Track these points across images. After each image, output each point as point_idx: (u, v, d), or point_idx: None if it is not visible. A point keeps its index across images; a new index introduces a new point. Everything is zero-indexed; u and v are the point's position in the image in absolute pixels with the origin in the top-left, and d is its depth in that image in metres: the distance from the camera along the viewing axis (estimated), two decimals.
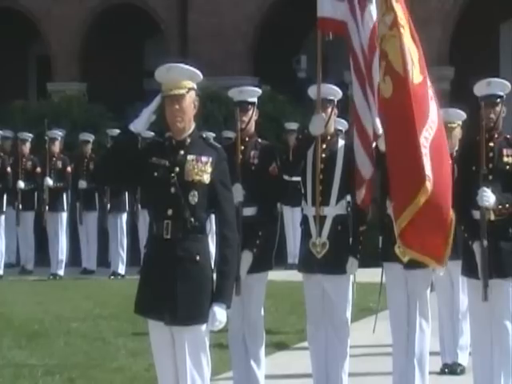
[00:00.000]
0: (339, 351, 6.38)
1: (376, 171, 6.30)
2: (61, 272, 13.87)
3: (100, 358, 8.01)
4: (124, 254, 13.94)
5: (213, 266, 4.79)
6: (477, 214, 5.94)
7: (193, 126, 4.79)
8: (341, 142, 6.50)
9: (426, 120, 5.37)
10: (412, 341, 6.38)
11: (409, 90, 5.34)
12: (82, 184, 13.83)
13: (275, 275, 7.26)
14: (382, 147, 6.18)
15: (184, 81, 4.69)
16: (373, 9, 6.09)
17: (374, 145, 6.28)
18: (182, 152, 4.73)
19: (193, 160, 4.71)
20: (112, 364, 7.80)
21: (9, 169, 14.42)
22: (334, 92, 6.47)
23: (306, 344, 6.94)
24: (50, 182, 13.67)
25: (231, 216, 4.76)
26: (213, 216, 4.83)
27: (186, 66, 4.75)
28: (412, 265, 6.30)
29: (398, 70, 5.40)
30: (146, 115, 4.78)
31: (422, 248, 5.50)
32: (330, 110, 6.39)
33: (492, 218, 5.92)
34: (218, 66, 16.44)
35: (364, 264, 6.66)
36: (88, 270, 14.25)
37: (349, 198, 6.49)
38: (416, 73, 5.40)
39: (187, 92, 4.69)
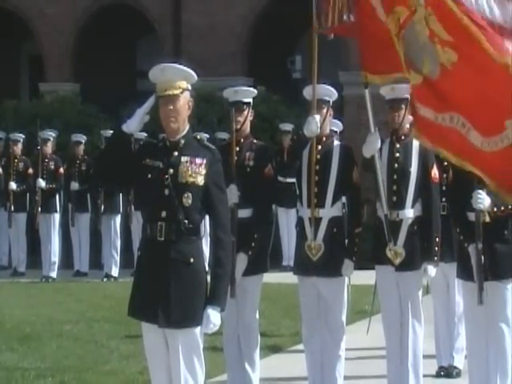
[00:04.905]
0: (334, 354, 6.36)
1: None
2: (53, 274, 13.79)
3: (93, 361, 7.96)
4: (117, 256, 13.86)
5: (207, 268, 4.75)
6: (472, 216, 5.89)
7: (187, 127, 4.74)
8: (336, 143, 6.46)
9: None
10: (405, 343, 6.38)
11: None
12: (74, 185, 13.75)
13: (270, 277, 7.23)
14: (366, 154, 6.19)
15: (178, 81, 4.64)
16: None
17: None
18: (175, 153, 4.69)
19: (187, 161, 4.67)
20: (105, 367, 7.75)
21: (0, 170, 14.35)
22: (330, 93, 6.44)
23: (300, 347, 6.91)
24: (42, 183, 13.59)
25: (225, 218, 4.72)
26: (207, 218, 4.78)
27: (181, 67, 4.71)
28: (403, 267, 6.29)
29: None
30: (140, 115, 4.74)
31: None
32: (325, 110, 6.37)
33: (487, 220, 5.88)
34: (212, 67, 16.38)
35: (359, 266, 6.62)
36: (81, 272, 14.17)
37: (344, 199, 6.46)
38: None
39: (181, 93, 4.65)
